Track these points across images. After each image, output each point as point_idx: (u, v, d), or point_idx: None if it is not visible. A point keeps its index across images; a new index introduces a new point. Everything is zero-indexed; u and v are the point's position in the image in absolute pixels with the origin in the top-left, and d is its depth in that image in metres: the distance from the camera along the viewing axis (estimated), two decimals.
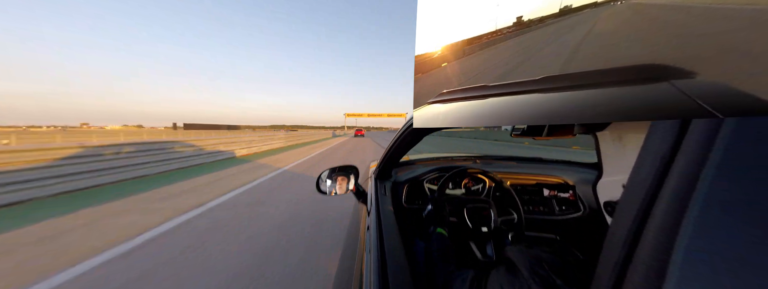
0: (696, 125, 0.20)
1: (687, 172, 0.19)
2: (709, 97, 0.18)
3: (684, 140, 0.20)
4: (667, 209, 0.19)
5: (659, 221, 0.20)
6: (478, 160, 1.72)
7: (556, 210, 1.33)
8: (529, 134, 0.92)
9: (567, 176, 1.39)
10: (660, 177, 0.21)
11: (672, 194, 0.19)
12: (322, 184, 1.29)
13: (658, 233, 0.20)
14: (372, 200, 1.14)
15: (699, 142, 0.19)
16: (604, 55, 0.25)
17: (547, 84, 0.30)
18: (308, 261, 2.13)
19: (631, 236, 0.22)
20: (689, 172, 0.19)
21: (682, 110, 0.19)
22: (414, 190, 1.39)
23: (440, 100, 0.46)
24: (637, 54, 0.22)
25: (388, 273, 0.60)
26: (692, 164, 0.19)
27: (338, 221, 2.96)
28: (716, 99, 0.18)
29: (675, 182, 0.20)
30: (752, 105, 0.16)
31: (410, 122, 0.90)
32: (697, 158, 0.19)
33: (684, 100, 0.19)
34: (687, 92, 0.19)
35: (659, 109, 0.21)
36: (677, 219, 0.18)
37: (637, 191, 0.22)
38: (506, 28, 0.35)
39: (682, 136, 0.20)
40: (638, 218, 0.22)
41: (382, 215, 0.93)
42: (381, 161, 1.36)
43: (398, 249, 0.71)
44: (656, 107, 0.21)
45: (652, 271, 0.19)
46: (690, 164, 0.19)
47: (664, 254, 0.18)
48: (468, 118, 0.41)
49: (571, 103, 0.28)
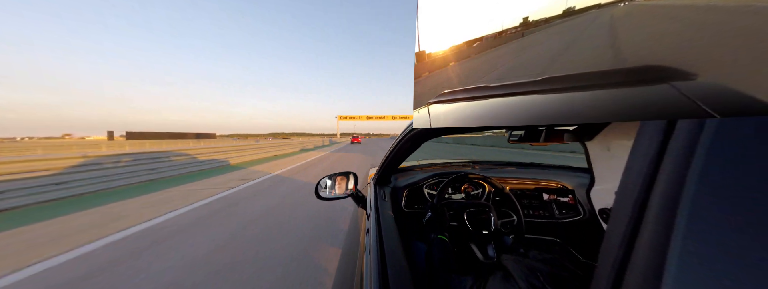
0: (681, 126, 0.20)
1: (674, 173, 0.19)
2: (706, 98, 0.18)
3: (670, 142, 0.20)
4: (659, 210, 0.19)
5: (652, 222, 0.20)
6: (477, 165, 1.72)
7: (555, 213, 1.33)
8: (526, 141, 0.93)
9: (566, 180, 1.40)
10: (650, 180, 0.21)
11: (662, 196, 0.20)
12: (322, 189, 1.29)
13: (652, 235, 0.20)
14: (371, 205, 1.13)
15: (684, 143, 0.19)
16: (604, 57, 0.26)
17: (548, 85, 0.30)
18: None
19: (626, 238, 0.22)
20: (676, 173, 0.19)
21: (680, 111, 0.19)
22: (413, 195, 1.39)
23: (440, 101, 0.47)
24: (637, 55, 0.23)
25: (388, 274, 0.60)
26: (678, 166, 0.19)
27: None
28: (713, 99, 0.18)
29: (664, 184, 0.20)
30: (745, 104, 0.16)
31: (410, 125, 0.91)
32: (682, 160, 0.19)
33: (682, 100, 0.19)
34: (685, 93, 0.19)
35: (659, 110, 0.21)
36: (669, 221, 0.18)
37: (629, 194, 0.23)
38: (507, 30, 0.35)
39: (668, 138, 0.21)
40: (632, 220, 0.22)
41: (382, 219, 0.93)
42: (380, 166, 1.36)
43: (398, 251, 0.71)
44: (656, 108, 0.21)
45: (650, 272, 0.19)
46: (676, 165, 0.19)
47: (660, 256, 0.18)
48: (468, 118, 0.41)
49: (572, 104, 0.28)
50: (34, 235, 2.96)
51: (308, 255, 2.39)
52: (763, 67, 0.16)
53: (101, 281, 2.02)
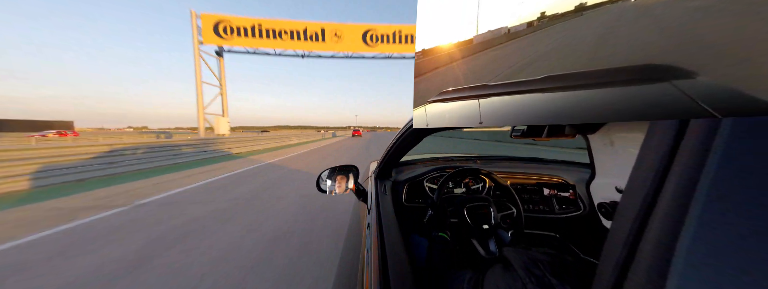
0: (694, 125, 0.20)
1: (687, 172, 0.19)
2: (709, 98, 0.18)
3: (683, 141, 0.20)
4: (668, 209, 0.19)
5: (660, 221, 0.20)
6: (478, 160, 1.72)
7: (556, 209, 1.34)
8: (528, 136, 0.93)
9: (566, 175, 1.40)
10: (660, 178, 0.21)
11: (673, 195, 0.19)
12: (322, 183, 1.30)
13: (659, 234, 0.19)
14: (372, 199, 1.14)
15: (698, 142, 0.19)
16: (605, 55, 0.25)
17: (548, 84, 0.30)
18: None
19: (632, 236, 0.22)
20: (689, 172, 0.19)
21: (683, 110, 0.19)
22: (414, 189, 1.39)
23: (440, 100, 0.47)
24: (638, 54, 0.23)
25: (389, 268, 0.60)
26: (692, 164, 0.19)
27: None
28: (716, 99, 0.18)
29: (675, 182, 0.20)
30: (751, 105, 0.16)
31: (410, 122, 0.91)
32: (696, 158, 0.18)
33: (684, 100, 0.19)
34: (687, 92, 0.19)
35: (660, 109, 0.21)
36: (679, 220, 0.18)
37: (638, 192, 0.22)
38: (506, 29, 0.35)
39: (681, 136, 0.20)
40: (639, 218, 0.22)
41: (383, 213, 0.93)
42: (381, 160, 1.36)
43: (399, 245, 0.72)
44: (657, 107, 0.21)
45: (654, 271, 0.19)
46: (690, 164, 0.19)
47: (666, 255, 0.18)
48: (468, 117, 0.41)
49: (572, 103, 0.28)
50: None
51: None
52: (763, 66, 0.16)
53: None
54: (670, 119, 0.21)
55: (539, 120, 0.31)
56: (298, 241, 2.55)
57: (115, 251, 2.35)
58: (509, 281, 0.47)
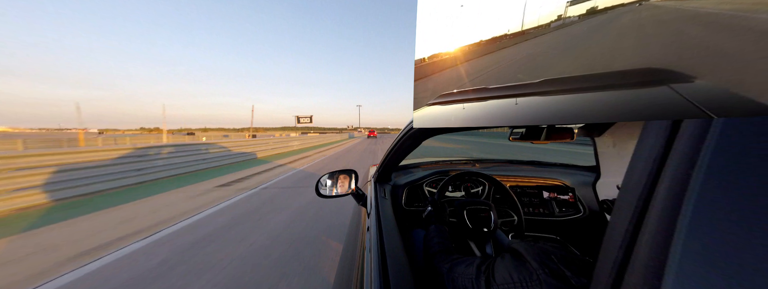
0: (686, 126, 0.20)
1: (679, 172, 0.19)
2: (703, 99, 0.18)
3: (675, 141, 0.20)
4: (662, 209, 0.19)
5: (654, 221, 0.20)
6: (478, 164, 1.72)
7: (555, 211, 1.34)
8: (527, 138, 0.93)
9: (566, 178, 1.40)
10: (653, 178, 0.21)
11: (665, 195, 0.20)
12: (322, 187, 1.29)
13: (654, 234, 0.20)
14: (372, 203, 1.14)
15: (689, 142, 0.19)
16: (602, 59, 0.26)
17: (547, 87, 0.30)
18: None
19: (628, 237, 0.22)
20: (681, 172, 0.19)
21: (678, 111, 0.20)
22: (414, 193, 1.39)
23: (440, 102, 0.47)
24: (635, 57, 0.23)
25: (389, 271, 0.60)
26: (683, 165, 0.19)
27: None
28: (710, 100, 0.18)
29: (668, 183, 0.20)
30: (742, 106, 0.16)
31: (410, 126, 0.91)
32: (687, 159, 0.19)
33: (680, 101, 0.19)
34: (683, 94, 0.19)
35: (657, 110, 0.21)
36: (672, 219, 0.18)
37: (632, 193, 0.23)
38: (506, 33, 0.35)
39: (673, 137, 0.21)
40: (634, 219, 0.22)
41: (382, 216, 0.93)
42: (381, 164, 1.36)
43: (398, 248, 0.71)
44: (653, 109, 0.21)
45: (650, 271, 0.19)
46: (681, 164, 0.19)
47: (661, 255, 0.18)
48: (467, 119, 0.41)
49: (570, 106, 0.28)
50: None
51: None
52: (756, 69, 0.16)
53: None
54: (666, 120, 0.21)
55: (538, 122, 0.32)
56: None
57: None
58: (522, 271, 0.46)
